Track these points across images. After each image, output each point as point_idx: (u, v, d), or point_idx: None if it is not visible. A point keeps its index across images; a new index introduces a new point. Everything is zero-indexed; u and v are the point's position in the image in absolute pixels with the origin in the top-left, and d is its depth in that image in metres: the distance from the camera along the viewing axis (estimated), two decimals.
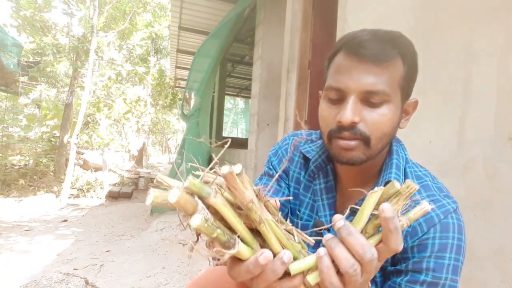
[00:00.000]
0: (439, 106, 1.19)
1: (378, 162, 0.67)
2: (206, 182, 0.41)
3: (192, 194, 0.37)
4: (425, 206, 0.43)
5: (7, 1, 6.84)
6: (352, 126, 0.58)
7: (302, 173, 0.76)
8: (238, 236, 0.39)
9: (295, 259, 0.42)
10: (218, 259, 0.37)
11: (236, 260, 0.40)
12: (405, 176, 0.65)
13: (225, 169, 0.37)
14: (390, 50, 0.58)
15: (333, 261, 0.41)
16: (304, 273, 0.42)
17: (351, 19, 1.77)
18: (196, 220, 0.35)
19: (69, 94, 7.52)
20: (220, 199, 0.38)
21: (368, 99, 0.58)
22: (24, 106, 9.96)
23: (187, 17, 4.94)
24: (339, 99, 0.60)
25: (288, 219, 0.77)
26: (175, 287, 2.33)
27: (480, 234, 1.01)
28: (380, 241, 0.42)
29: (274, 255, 0.40)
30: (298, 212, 0.76)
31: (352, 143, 0.59)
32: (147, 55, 10.81)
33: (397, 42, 0.60)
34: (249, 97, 8.78)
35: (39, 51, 9.31)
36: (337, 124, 0.59)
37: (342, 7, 1.85)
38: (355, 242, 0.40)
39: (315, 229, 0.57)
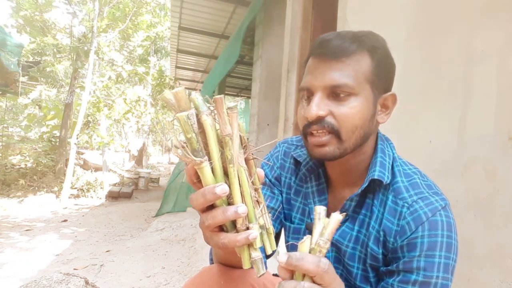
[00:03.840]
0: (439, 106, 1.19)
1: (364, 161, 0.67)
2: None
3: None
4: (336, 217, 0.45)
5: (7, 1, 6.84)
6: (319, 120, 0.60)
7: (293, 178, 0.78)
8: (211, 163, 0.43)
9: (249, 219, 0.45)
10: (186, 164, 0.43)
11: (200, 187, 0.44)
12: (393, 175, 0.65)
13: (217, 96, 0.43)
14: (349, 45, 0.60)
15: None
16: (249, 238, 0.44)
17: (351, 19, 1.77)
18: (182, 114, 0.41)
19: (69, 94, 7.52)
20: (210, 120, 0.42)
21: (334, 94, 0.60)
22: (24, 106, 9.96)
23: (187, 17, 4.93)
24: (309, 98, 0.63)
25: (281, 224, 0.79)
26: (175, 287, 2.33)
27: (480, 234, 1.01)
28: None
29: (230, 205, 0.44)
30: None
31: (324, 138, 0.60)
32: (147, 55, 10.81)
33: (360, 39, 0.61)
34: (249, 97, 8.78)
35: (39, 51, 9.31)
36: (306, 120, 0.61)
37: (342, 7, 1.85)
38: (303, 262, 0.43)
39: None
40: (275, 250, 0.79)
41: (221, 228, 0.46)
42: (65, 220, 4.77)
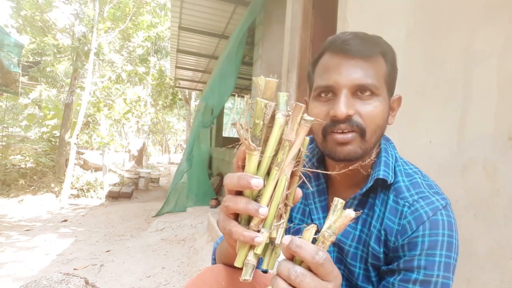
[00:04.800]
0: (439, 106, 1.19)
1: (369, 162, 0.67)
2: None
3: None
4: (348, 213, 0.44)
5: (8, 1, 6.84)
6: (348, 119, 0.59)
7: None
8: (261, 156, 0.44)
9: (265, 225, 0.45)
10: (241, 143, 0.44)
11: (240, 171, 0.46)
12: (395, 174, 0.65)
13: (299, 103, 0.43)
14: (372, 47, 0.61)
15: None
16: (254, 240, 0.44)
17: (351, 19, 1.77)
18: (263, 100, 0.43)
19: (69, 94, 7.51)
20: (283, 119, 0.43)
21: (359, 93, 0.60)
22: (24, 106, 9.96)
23: (187, 17, 4.94)
24: (329, 96, 0.62)
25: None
26: (175, 287, 2.33)
27: (480, 234, 1.01)
28: None
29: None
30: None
31: (349, 135, 0.60)
32: (147, 55, 10.81)
33: (377, 42, 0.63)
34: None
35: (39, 51, 9.31)
36: (332, 118, 0.60)
37: (342, 7, 1.85)
38: (301, 249, 0.43)
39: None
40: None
41: (236, 218, 0.47)
42: (65, 220, 4.77)
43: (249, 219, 0.45)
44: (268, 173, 0.45)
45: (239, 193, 0.46)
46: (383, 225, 0.63)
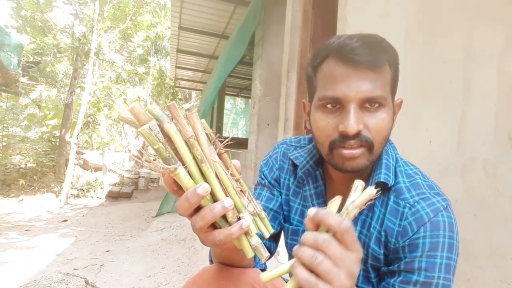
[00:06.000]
0: (439, 106, 1.19)
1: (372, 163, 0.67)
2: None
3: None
4: (370, 190, 0.45)
5: (8, 1, 6.84)
6: (358, 135, 0.57)
7: (291, 179, 0.77)
8: (186, 167, 0.43)
9: (238, 210, 0.46)
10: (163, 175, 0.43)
11: (182, 194, 0.44)
12: (395, 176, 0.65)
13: (170, 104, 0.43)
14: (381, 55, 0.58)
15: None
16: (243, 227, 0.44)
17: (351, 19, 1.77)
18: (143, 127, 0.41)
19: (69, 94, 7.52)
20: (173, 126, 0.43)
21: (367, 105, 0.58)
22: (24, 106, 9.96)
23: (187, 17, 4.93)
24: (336, 107, 0.59)
25: (279, 225, 0.79)
26: (175, 287, 2.33)
27: (480, 234, 1.01)
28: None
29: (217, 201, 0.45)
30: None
31: (358, 151, 0.58)
32: (147, 55, 10.81)
33: (384, 47, 0.60)
34: (249, 97, 8.78)
35: (39, 51, 9.30)
36: (341, 133, 0.58)
37: (342, 7, 1.85)
38: (327, 216, 0.43)
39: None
40: (273, 253, 0.79)
41: (214, 227, 0.47)
42: (65, 220, 4.77)
43: (225, 217, 0.46)
44: (203, 174, 0.45)
45: (198, 209, 0.45)
46: (383, 226, 0.62)
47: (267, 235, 0.49)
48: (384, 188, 0.64)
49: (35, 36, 7.47)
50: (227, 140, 0.48)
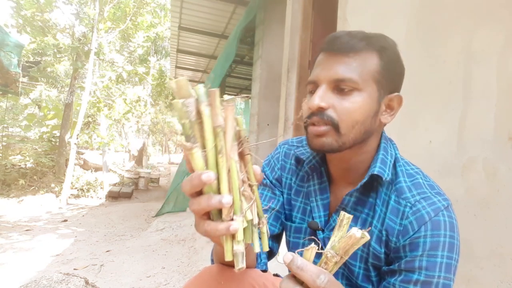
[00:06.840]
0: (439, 106, 1.19)
1: (367, 160, 0.67)
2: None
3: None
4: (353, 232, 0.44)
5: (8, 1, 6.84)
6: (320, 111, 0.60)
7: (293, 179, 0.78)
8: (204, 151, 0.43)
9: (234, 211, 0.45)
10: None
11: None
12: (396, 175, 0.65)
13: (212, 89, 0.43)
14: (358, 42, 0.61)
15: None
16: (230, 229, 0.44)
17: (351, 19, 1.77)
18: (177, 101, 0.42)
19: (69, 94, 7.51)
20: (208, 111, 0.43)
21: (339, 88, 0.60)
22: (24, 106, 9.96)
23: (187, 17, 4.93)
24: (315, 91, 0.63)
25: (281, 224, 0.79)
26: (175, 287, 2.33)
27: (480, 234, 1.01)
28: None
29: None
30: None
31: (322, 128, 0.60)
32: (147, 56, 10.81)
33: (370, 39, 0.62)
34: (249, 97, 8.78)
35: (40, 51, 9.30)
36: (308, 110, 0.62)
37: (342, 7, 1.85)
38: (302, 272, 0.43)
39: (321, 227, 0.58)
40: (275, 253, 0.79)
41: (209, 217, 0.47)
42: (65, 220, 4.77)
43: (220, 212, 0.45)
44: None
45: (200, 193, 0.45)
46: (384, 226, 0.63)
47: (257, 249, 0.48)
48: (381, 184, 0.64)
49: (35, 36, 7.47)
50: (255, 143, 0.49)
